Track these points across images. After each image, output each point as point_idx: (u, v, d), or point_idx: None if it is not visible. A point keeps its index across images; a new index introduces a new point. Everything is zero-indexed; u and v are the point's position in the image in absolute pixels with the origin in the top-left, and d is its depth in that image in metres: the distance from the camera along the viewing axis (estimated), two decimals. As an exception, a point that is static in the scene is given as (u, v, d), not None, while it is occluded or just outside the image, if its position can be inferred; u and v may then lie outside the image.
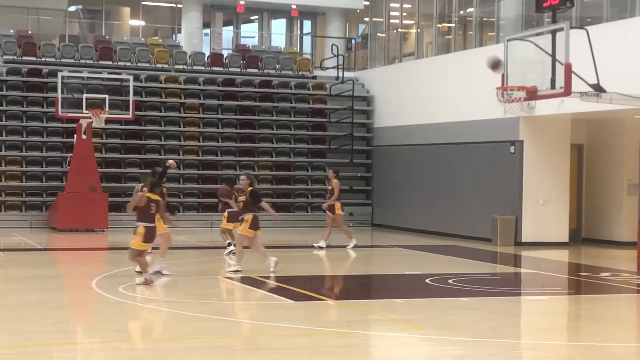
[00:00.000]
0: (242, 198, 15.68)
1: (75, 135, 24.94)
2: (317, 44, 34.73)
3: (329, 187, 21.11)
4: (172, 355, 9.58)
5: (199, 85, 29.34)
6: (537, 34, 16.33)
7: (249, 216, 15.47)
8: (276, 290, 14.17)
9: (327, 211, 20.82)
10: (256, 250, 15.87)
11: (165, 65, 29.73)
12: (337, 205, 20.69)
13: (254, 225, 15.49)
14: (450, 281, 15.14)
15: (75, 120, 24.78)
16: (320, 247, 20.62)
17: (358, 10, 33.83)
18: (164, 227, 15.24)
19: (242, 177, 16.02)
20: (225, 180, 21.31)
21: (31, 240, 22.10)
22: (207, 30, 33.92)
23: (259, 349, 10.00)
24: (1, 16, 31.63)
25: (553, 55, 15.30)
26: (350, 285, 16.12)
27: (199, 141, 28.31)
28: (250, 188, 15.57)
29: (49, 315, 11.67)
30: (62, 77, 25.08)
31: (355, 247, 20.79)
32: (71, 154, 25.13)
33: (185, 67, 29.95)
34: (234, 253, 18.05)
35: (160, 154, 27.68)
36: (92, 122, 24.35)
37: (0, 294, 13.80)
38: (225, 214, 18.88)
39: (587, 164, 24.05)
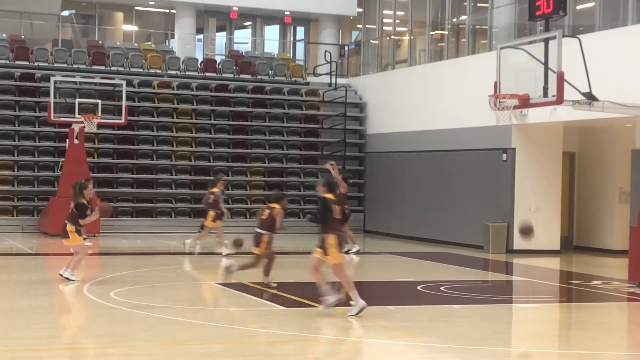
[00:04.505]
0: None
1: (67, 140, 24.89)
2: (310, 50, 34.74)
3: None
4: (163, 361, 9.57)
5: (192, 90, 29.33)
6: (530, 42, 16.37)
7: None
8: (268, 297, 14.15)
9: None
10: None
11: (158, 71, 29.72)
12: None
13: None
14: (442, 288, 15.15)
15: (68, 125, 24.74)
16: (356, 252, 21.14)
17: (351, 17, 33.85)
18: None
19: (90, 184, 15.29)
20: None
21: (22, 245, 22.04)
22: (200, 36, 33.91)
23: (251, 355, 9.99)
24: (-6, 20, 31.58)
25: (545, 64, 15.34)
26: (342, 292, 16.08)
27: (192, 147, 28.30)
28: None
29: (39, 321, 11.64)
30: (55, 82, 25.04)
31: (357, 252, 21.04)
32: (63, 159, 25.08)
33: (178, 72, 29.94)
34: None
35: (153, 159, 27.67)
36: (84, 127, 24.31)
37: (-9, 299, 13.75)
38: None
39: (579, 172, 24.10)
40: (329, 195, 12.15)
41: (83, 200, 14.89)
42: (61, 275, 14.89)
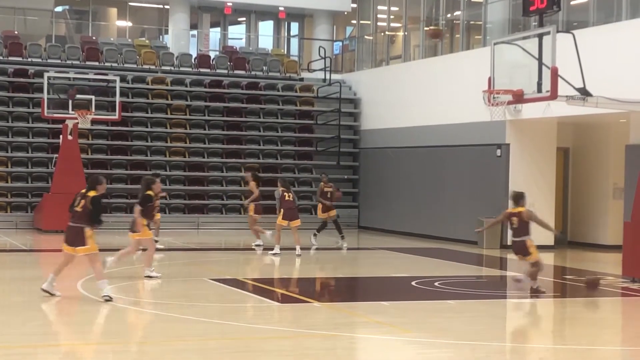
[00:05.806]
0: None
1: (61, 136, 24.84)
2: (304, 46, 34.72)
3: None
4: (159, 357, 9.56)
5: (186, 86, 29.28)
6: (524, 38, 16.36)
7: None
8: (262, 293, 14.15)
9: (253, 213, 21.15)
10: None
11: (152, 67, 29.67)
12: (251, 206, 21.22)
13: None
14: (436, 284, 15.16)
15: (61, 121, 24.69)
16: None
17: (345, 13, 33.84)
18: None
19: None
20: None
21: (16, 241, 22.01)
22: (194, 32, 33.86)
23: (246, 351, 9.99)
24: (-12, 16, 31.50)
25: (540, 59, 15.33)
26: (337, 287, 16.11)
27: (186, 143, 28.26)
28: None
29: (33, 317, 11.62)
30: (49, 78, 24.98)
31: (258, 245, 20.80)
32: (57, 155, 25.04)
33: (172, 68, 29.90)
34: None
35: (147, 155, 27.64)
36: (78, 123, 24.27)
37: (-15, 295, 13.73)
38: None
39: (573, 167, 24.13)
40: (93, 193, 13.17)
41: (150, 192, 15.05)
42: (148, 276, 15.02)
